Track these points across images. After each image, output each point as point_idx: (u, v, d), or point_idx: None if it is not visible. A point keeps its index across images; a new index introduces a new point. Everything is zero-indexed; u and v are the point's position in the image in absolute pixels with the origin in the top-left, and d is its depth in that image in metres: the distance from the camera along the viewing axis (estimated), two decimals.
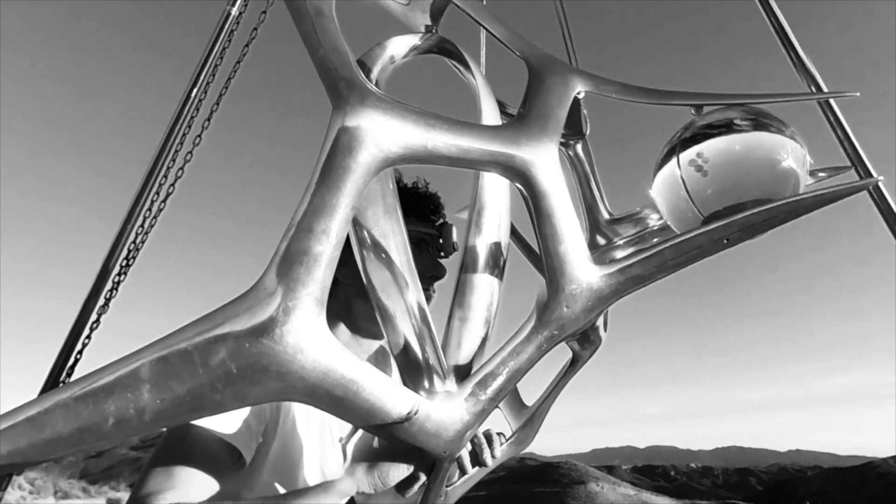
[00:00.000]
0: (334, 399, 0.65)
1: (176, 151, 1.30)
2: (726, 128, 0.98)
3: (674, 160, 1.02)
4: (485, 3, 1.39)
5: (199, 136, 1.31)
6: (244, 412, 0.91)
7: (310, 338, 0.62)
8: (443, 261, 1.15)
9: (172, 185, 1.29)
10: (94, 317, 1.21)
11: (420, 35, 1.17)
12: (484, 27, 1.02)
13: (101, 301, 1.23)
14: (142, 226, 1.27)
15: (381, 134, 0.67)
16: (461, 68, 1.21)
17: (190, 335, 0.59)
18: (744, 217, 0.86)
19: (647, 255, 0.82)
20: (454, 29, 1.25)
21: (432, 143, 0.70)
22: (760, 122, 0.98)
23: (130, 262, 1.26)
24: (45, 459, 0.54)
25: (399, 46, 1.13)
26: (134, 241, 1.26)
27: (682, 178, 1.01)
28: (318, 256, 0.62)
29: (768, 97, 1.04)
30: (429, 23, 1.25)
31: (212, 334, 0.59)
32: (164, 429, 0.83)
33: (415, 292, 0.87)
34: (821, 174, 1.31)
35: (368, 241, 0.87)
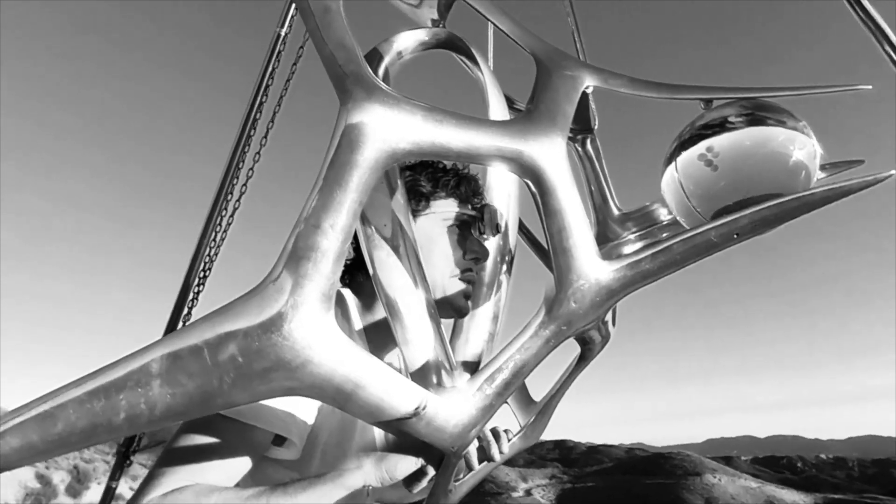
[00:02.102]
0: (343, 394, 0.65)
1: (239, 168, 1.41)
2: (736, 122, 0.97)
3: (683, 155, 1.01)
4: None
5: (259, 153, 1.41)
6: (295, 399, 0.87)
7: (318, 333, 0.62)
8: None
9: (238, 200, 1.40)
10: (180, 325, 1.33)
11: (428, 30, 1.17)
12: (492, 22, 1.01)
13: (185, 311, 1.37)
14: (214, 239, 1.38)
15: (388, 129, 0.67)
16: (469, 63, 1.21)
17: (200, 331, 0.59)
18: (754, 212, 0.85)
19: (657, 250, 0.82)
20: (462, 24, 1.24)
21: (440, 138, 0.70)
22: (771, 116, 0.97)
23: (207, 274, 1.40)
24: (58, 454, 0.55)
25: (407, 41, 1.13)
26: (209, 254, 1.38)
27: (680, 181, 1.01)
28: (325, 252, 0.63)
29: (779, 91, 1.03)
30: (436, 17, 1.24)
31: (221, 330, 0.59)
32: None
33: (423, 288, 0.87)
34: (833, 169, 1.30)
35: (376, 236, 0.87)
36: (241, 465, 0.83)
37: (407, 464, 0.77)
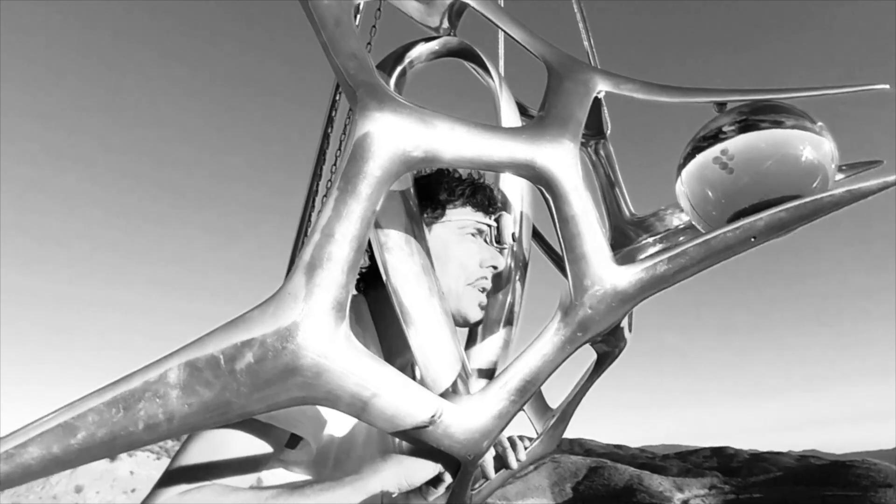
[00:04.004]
0: (359, 403, 0.65)
1: (316, 193, 1.48)
2: (751, 124, 0.96)
3: (697, 158, 1.00)
4: (502, 3, 1.39)
5: (330, 180, 1.50)
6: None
7: (333, 341, 0.62)
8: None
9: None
10: None
11: (439, 39, 1.17)
12: (502, 29, 1.01)
13: None
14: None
15: (401, 138, 0.67)
16: (480, 71, 1.21)
17: (217, 340, 0.59)
18: (770, 215, 0.84)
19: (672, 254, 0.81)
20: (472, 32, 1.25)
21: (452, 146, 0.70)
22: (786, 117, 0.96)
23: None
24: (79, 464, 0.55)
25: (418, 51, 1.13)
26: None
27: (695, 185, 1.00)
28: (339, 261, 0.63)
29: (794, 92, 1.02)
30: (447, 26, 1.25)
31: (237, 339, 0.60)
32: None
33: (437, 295, 0.87)
34: (851, 170, 1.28)
35: (390, 244, 0.87)
36: (256, 464, 0.83)
37: (426, 471, 0.77)
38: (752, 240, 0.84)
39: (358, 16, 1.43)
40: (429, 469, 0.77)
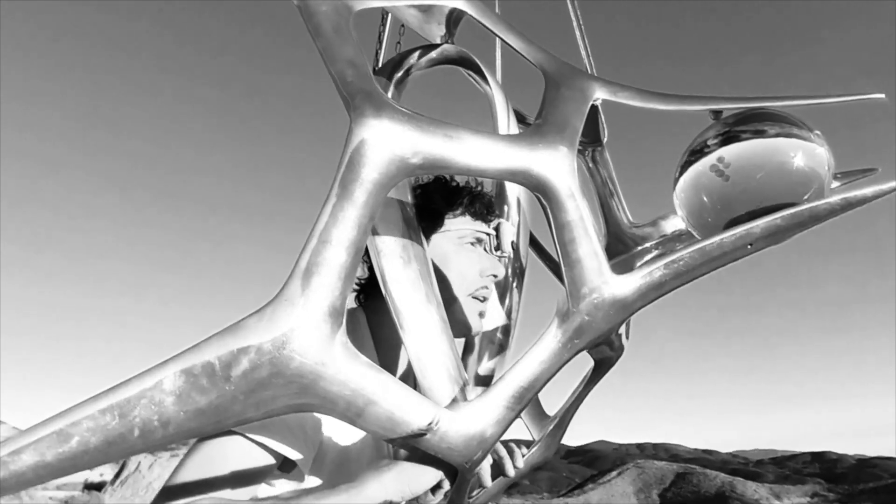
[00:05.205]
0: (355, 410, 0.65)
1: None
2: (747, 132, 0.96)
3: (694, 166, 1.01)
4: (498, 11, 1.39)
5: None
6: (299, 420, 0.86)
7: (329, 348, 0.62)
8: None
9: None
10: None
11: (436, 46, 1.18)
12: (499, 37, 1.02)
13: None
14: None
15: (399, 144, 0.67)
16: (478, 79, 1.22)
17: (213, 347, 0.59)
18: (767, 222, 0.85)
19: (669, 260, 0.81)
20: (470, 39, 1.25)
21: (450, 152, 0.71)
22: (782, 125, 0.96)
23: None
24: (73, 471, 0.55)
25: (416, 58, 1.14)
26: None
27: (692, 192, 1.00)
28: (336, 267, 0.63)
29: (789, 100, 1.02)
30: (444, 33, 1.25)
31: (234, 346, 0.59)
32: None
33: (434, 303, 0.87)
34: (846, 177, 1.28)
35: (386, 251, 0.87)
36: (254, 476, 0.83)
37: (428, 478, 0.76)
38: (749, 246, 0.84)
39: (384, 33, 1.42)
40: (431, 476, 0.76)
